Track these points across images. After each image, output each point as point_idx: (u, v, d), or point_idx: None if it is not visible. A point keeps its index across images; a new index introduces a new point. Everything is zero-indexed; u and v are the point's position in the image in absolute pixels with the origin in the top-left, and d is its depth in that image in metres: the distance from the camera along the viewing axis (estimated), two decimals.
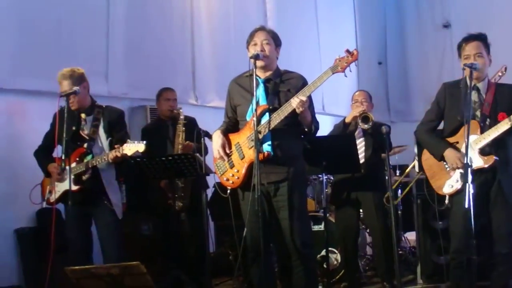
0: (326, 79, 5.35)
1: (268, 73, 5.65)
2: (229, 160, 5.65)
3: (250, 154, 5.46)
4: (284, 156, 5.50)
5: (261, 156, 5.34)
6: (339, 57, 5.35)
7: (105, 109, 6.40)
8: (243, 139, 5.60)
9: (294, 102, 5.26)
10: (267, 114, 5.45)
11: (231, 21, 10.48)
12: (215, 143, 5.70)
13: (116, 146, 6.02)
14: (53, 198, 6.26)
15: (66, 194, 6.08)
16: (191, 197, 7.52)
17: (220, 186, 6.07)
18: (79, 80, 6.20)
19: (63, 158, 5.90)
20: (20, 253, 7.27)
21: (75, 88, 6.06)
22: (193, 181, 7.45)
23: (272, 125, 5.38)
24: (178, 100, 8.09)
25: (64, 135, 5.80)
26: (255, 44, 5.60)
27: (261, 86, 5.59)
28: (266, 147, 5.47)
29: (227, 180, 5.70)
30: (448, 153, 5.68)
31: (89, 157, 6.20)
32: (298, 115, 5.38)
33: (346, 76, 5.37)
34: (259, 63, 5.55)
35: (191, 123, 7.76)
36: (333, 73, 5.34)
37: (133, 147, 5.88)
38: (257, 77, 5.57)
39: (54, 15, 7.74)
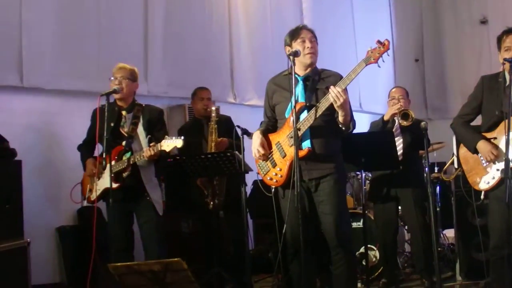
0: (360, 71, 5.34)
1: (307, 71, 5.63)
2: (271, 160, 5.65)
3: (291, 151, 5.42)
4: (325, 152, 5.50)
5: (303, 152, 5.36)
6: (371, 48, 5.36)
7: (145, 107, 6.47)
8: (283, 137, 5.60)
9: (332, 94, 5.23)
10: (305, 111, 5.45)
11: (268, 20, 10.51)
12: (254, 143, 5.70)
13: (151, 144, 6.08)
14: (93, 196, 6.31)
15: (106, 192, 6.16)
16: (226, 194, 7.54)
17: (263, 185, 6.09)
18: (135, 77, 6.41)
19: (103, 156, 5.99)
20: (62, 251, 7.39)
21: (116, 87, 6.14)
22: (228, 179, 7.48)
23: (311, 121, 5.37)
24: (217, 98, 8.15)
25: (105, 134, 5.87)
26: (303, 41, 5.56)
27: (300, 84, 5.58)
28: (306, 144, 5.46)
29: (271, 179, 5.69)
30: (481, 144, 5.62)
31: (128, 155, 6.25)
32: (336, 112, 5.37)
33: (379, 67, 5.36)
34: (309, 60, 5.55)
35: (226, 121, 7.80)
36: (366, 65, 5.34)
37: (171, 143, 5.93)
38: (296, 75, 5.53)
39: (93, 15, 7.87)
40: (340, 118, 5.39)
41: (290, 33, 5.66)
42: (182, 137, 5.96)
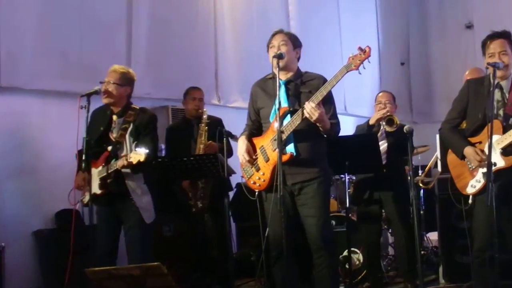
0: (341, 78, 5.37)
1: (289, 75, 5.67)
2: (255, 164, 5.67)
3: (274, 156, 5.46)
4: (308, 156, 5.53)
5: (285, 157, 5.38)
6: (352, 55, 5.37)
7: (139, 112, 6.31)
8: (267, 142, 5.63)
9: (306, 110, 5.30)
10: (288, 116, 5.49)
11: (253, 22, 10.47)
12: (240, 149, 5.71)
13: (122, 154, 6.02)
14: (85, 200, 6.22)
15: (94, 197, 6.10)
16: (211, 198, 7.48)
17: (247, 189, 6.06)
18: (126, 81, 6.26)
19: (83, 159, 5.91)
20: (39, 256, 7.29)
21: (97, 87, 6.05)
22: (214, 182, 7.42)
23: (293, 126, 5.41)
24: None
25: (85, 135, 5.82)
26: (273, 47, 5.63)
27: (282, 88, 5.59)
28: (290, 148, 5.48)
29: (254, 183, 5.71)
30: (468, 150, 5.62)
31: (113, 161, 6.15)
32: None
33: (360, 73, 5.38)
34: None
35: (216, 123, 7.73)
36: (347, 71, 5.36)
37: (136, 156, 5.76)
38: (278, 79, 5.53)
39: (75, 15, 7.78)
40: (320, 128, 5.45)
41: (269, 39, 5.76)
42: (147, 151, 5.76)
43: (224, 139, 6.71)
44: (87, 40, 7.86)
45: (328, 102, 5.56)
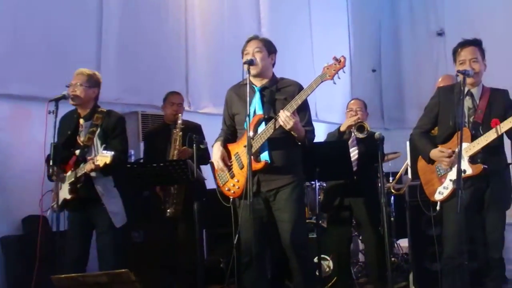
0: (316, 87, 5.38)
1: (264, 81, 5.68)
2: (229, 171, 5.68)
3: (252, 162, 5.43)
4: (283, 164, 5.55)
5: (259, 165, 5.43)
6: (328, 64, 5.36)
7: (106, 114, 6.32)
8: (241, 148, 5.62)
9: (281, 118, 5.32)
10: (263, 123, 5.51)
11: (225, 28, 10.44)
12: (215, 155, 5.73)
13: (89, 158, 5.97)
14: (55, 205, 6.17)
15: (64, 202, 6.08)
16: (185, 204, 7.44)
17: (222, 196, 6.03)
18: (93, 83, 6.27)
19: (50, 164, 5.86)
20: (5, 263, 7.17)
21: (65, 92, 6.03)
22: (187, 187, 7.39)
23: (268, 135, 5.43)
24: None
25: (53, 140, 5.76)
26: (247, 53, 5.63)
27: (257, 95, 5.62)
28: (264, 156, 5.50)
29: (229, 190, 5.72)
30: (433, 152, 5.73)
31: (82, 165, 6.10)
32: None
33: (335, 83, 5.38)
34: (252, 70, 5.57)
35: (195, 129, 7.68)
36: (322, 81, 5.36)
37: (103, 158, 5.76)
38: (253, 86, 5.61)
39: (44, 19, 7.69)
40: (295, 136, 5.47)
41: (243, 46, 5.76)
42: (112, 153, 5.76)
43: (194, 145, 6.68)
44: (56, 44, 7.77)
45: (303, 109, 5.57)
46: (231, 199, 5.77)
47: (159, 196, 7.48)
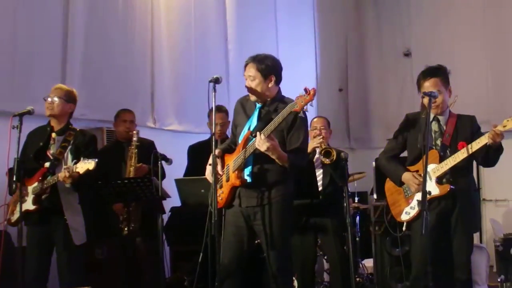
0: (287, 115, 5.30)
1: (267, 99, 5.67)
2: (219, 181, 5.67)
3: (233, 177, 5.53)
4: (264, 182, 5.52)
5: (237, 182, 5.49)
6: (299, 95, 5.30)
7: (78, 132, 6.35)
8: (231, 161, 5.64)
9: (256, 140, 5.31)
10: (252, 141, 5.48)
11: (191, 44, 10.39)
12: (209, 161, 5.68)
13: (65, 167, 5.93)
14: (14, 218, 6.15)
15: (25, 214, 5.99)
16: (142, 221, 7.38)
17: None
18: (70, 98, 6.34)
19: (14, 179, 5.81)
20: None
21: (30, 107, 6.00)
22: (144, 205, 7.33)
23: (248, 154, 5.46)
24: (136, 122, 7.99)
25: (16, 156, 5.75)
26: (246, 79, 5.64)
27: (256, 112, 5.67)
28: (247, 171, 5.54)
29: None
30: (405, 175, 5.81)
31: (49, 177, 6.08)
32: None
33: (302, 116, 5.41)
34: (251, 97, 5.66)
35: (149, 146, 7.67)
36: (291, 111, 5.28)
37: (85, 165, 5.78)
38: (256, 102, 5.67)
39: (8, 33, 7.62)
40: (277, 161, 5.43)
41: None
42: (96, 160, 5.79)
43: (159, 162, 6.65)
44: (20, 59, 7.70)
45: (297, 129, 5.55)
46: (209, 210, 5.67)
47: (116, 214, 7.43)
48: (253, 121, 5.63)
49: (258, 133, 5.32)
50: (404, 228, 5.92)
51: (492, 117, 11.46)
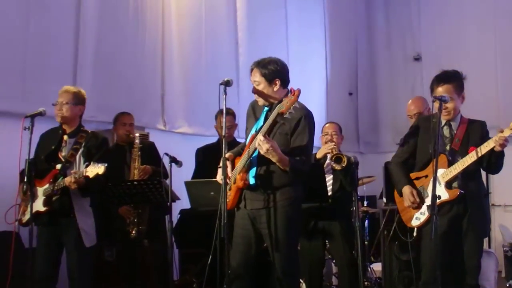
0: (276, 117, 5.23)
1: (273, 103, 5.59)
2: (229, 183, 5.63)
3: (238, 179, 5.51)
4: (266, 185, 5.48)
5: (240, 183, 5.48)
6: (287, 96, 5.26)
7: (90, 134, 6.33)
8: (238, 164, 5.64)
9: (257, 141, 5.27)
10: None
11: (202, 47, 10.41)
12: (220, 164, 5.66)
13: (73, 171, 5.95)
14: (25, 219, 6.14)
15: (36, 215, 6.02)
16: (149, 223, 7.40)
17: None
18: (79, 100, 6.29)
19: (25, 180, 5.83)
20: None
21: (41, 109, 6.00)
22: (152, 207, 7.34)
23: (250, 156, 5.44)
24: (146, 125, 8.05)
25: (28, 157, 5.76)
26: (252, 82, 5.63)
27: (263, 114, 5.64)
28: (251, 173, 5.52)
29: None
30: (405, 189, 5.83)
31: (60, 179, 6.07)
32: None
33: (287, 117, 5.23)
34: (259, 102, 5.63)
35: (149, 147, 7.70)
36: (278, 113, 5.20)
37: (94, 169, 5.76)
38: (264, 105, 5.64)
39: (20, 34, 7.66)
40: (278, 165, 5.39)
41: None
42: (105, 164, 5.79)
43: (169, 164, 6.67)
44: (32, 61, 7.74)
45: (300, 134, 5.48)
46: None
47: (123, 217, 7.44)
48: (260, 124, 5.60)
49: (259, 134, 5.29)
50: (414, 234, 5.91)
51: (501, 121, 11.51)
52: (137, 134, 7.58)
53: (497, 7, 12.64)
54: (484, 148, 5.44)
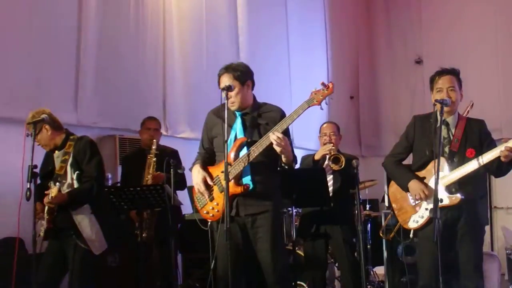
0: (302, 113, 5.35)
1: (246, 107, 5.62)
2: (209, 194, 5.60)
3: (232, 186, 5.40)
4: (263, 189, 5.50)
5: (240, 188, 5.41)
6: (315, 90, 5.35)
7: (76, 140, 6.21)
8: (219, 172, 5.55)
9: (272, 137, 5.25)
10: (245, 147, 5.46)
11: (203, 52, 10.43)
12: (195, 178, 5.64)
13: (46, 192, 5.92)
14: (42, 234, 6.09)
15: (46, 231, 6.01)
16: (157, 228, 7.40)
17: (200, 219, 6.00)
18: (46, 125, 6.10)
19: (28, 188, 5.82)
20: None
21: (44, 115, 5.98)
22: (159, 212, 7.35)
23: (251, 158, 5.37)
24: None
25: (30, 163, 5.72)
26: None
27: (238, 120, 5.58)
28: (246, 180, 5.47)
29: (207, 213, 5.66)
30: (413, 184, 5.74)
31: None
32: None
33: (322, 109, 5.41)
34: (231, 107, 5.56)
35: (171, 154, 7.65)
36: (309, 106, 5.34)
37: (53, 190, 5.79)
38: (235, 111, 5.58)
39: (23, 41, 7.65)
40: (283, 159, 5.42)
41: None
42: (57, 185, 5.80)
43: (172, 170, 6.68)
44: (34, 66, 7.73)
45: (285, 134, 5.49)
46: (209, 223, 5.74)
47: (133, 220, 7.45)
48: (238, 130, 5.56)
49: (271, 132, 5.26)
50: (411, 235, 5.90)
51: (503, 125, 11.54)
52: (154, 141, 7.54)
53: (499, 10, 12.66)
54: (487, 157, 5.43)
